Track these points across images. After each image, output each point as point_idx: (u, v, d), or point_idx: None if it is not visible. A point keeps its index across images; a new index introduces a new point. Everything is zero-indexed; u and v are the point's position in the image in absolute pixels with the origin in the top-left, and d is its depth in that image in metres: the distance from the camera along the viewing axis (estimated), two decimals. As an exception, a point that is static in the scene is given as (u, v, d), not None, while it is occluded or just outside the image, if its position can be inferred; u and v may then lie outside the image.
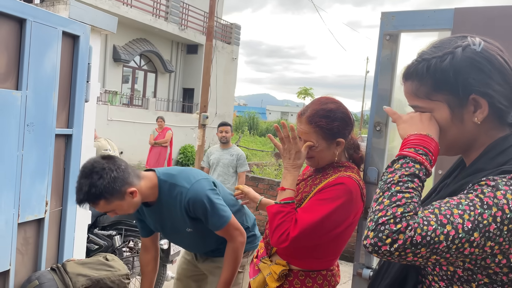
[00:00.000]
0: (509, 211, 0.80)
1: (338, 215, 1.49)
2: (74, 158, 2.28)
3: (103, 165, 1.73)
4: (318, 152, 1.60)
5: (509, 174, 0.86)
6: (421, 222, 0.82)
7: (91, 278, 2.05)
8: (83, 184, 1.70)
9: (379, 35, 1.52)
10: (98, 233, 3.86)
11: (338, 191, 1.50)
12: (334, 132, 1.57)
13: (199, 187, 1.88)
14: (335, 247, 1.63)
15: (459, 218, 0.82)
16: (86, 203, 1.75)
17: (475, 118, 0.94)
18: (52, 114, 2.09)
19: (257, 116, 29.31)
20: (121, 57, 14.39)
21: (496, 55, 0.93)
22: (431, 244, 0.81)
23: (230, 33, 18.89)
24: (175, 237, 2.18)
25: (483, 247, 0.82)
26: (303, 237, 1.47)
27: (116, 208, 1.78)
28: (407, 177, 0.89)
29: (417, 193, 0.88)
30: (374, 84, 1.53)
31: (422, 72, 0.96)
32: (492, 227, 0.81)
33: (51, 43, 2.03)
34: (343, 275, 5.21)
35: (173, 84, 17.42)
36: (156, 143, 8.85)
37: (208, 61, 8.94)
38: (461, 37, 0.96)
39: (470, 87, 0.92)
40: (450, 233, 0.81)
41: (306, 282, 1.60)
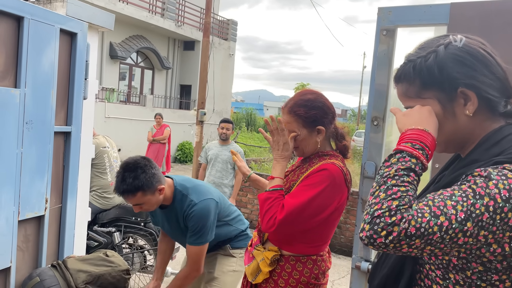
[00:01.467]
0: (501, 200, 0.82)
1: (322, 199, 1.59)
2: (73, 155, 2.28)
3: (145, 162, 2.02)
4: (301, 141, 1.71)
5: (502, 165, 0.87)
6: (415, 214, 0.84)
7: (91, 274, 2.08)
8: (127, 176, 1.96)
9: (376, 30, 1.53)
10: (97, 230, 3.88)
11: (321, 176, 1.60)
12: (312, 120, 1.68)
13: (205, 205, 2.12)
14: (323, 232, 1.71)
15: (452, 209, 0.84)
16: (127, 194, 1.97)
17: (467, 111, 0.96)
18: (50, 112, 2.09)
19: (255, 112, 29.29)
20: (118, 54, 14.35)
21: (478, 48, 0.96)
22: (425, 235, 0.83)
23: (227, 29, 18.85)
24: (178, 238, 2.39)
25: (476, 236, 0.83)
26: (290, 220, 1.58)
27: (146, 202, 2.02)
28: (403, 171, 0.91)
29: (412, 186, 0.90)
30: (371, 79, 1.54)
31: (409, 73, 1.00)
32: (485, 216, 0.82)
33: (49, 41, 2.03)
34: (342, 269, 5.24)
35: (170, 80, 17.39)
36: (154, 140, 8.84)
37: (205, 57, 8.93)
38: (444, 36, 1.00)
39: (455, 81, 0.95)
40: (443, 224, 0.83)
41: (296, 266, 1.70)
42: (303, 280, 1.69)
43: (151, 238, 3.83)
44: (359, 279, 1.57)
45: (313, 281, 1.70)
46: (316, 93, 1.75)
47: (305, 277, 1.69)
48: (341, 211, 1.71)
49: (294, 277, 1.70)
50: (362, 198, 1.56)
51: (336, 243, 6.04)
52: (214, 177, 4.85)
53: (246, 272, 1.84)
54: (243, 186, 6.40)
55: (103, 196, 3.89)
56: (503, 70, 0.97)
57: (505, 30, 1.38)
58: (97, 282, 2.08)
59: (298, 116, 1.69)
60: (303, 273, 1.70)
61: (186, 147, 14.89)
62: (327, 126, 1.71)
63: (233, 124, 5.22)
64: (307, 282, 1.70)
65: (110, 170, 3.96)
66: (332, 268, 5.24)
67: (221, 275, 2.34)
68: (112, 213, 3.93)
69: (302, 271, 1.70)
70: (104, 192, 3.89)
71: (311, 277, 1.70)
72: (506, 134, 0.95)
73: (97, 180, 3.85)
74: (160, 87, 17.00)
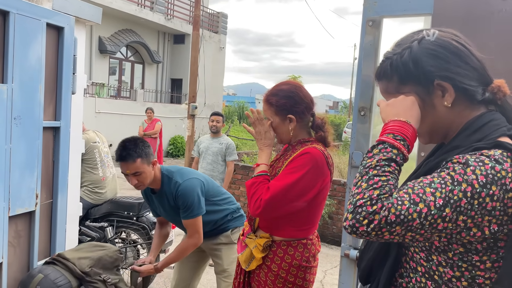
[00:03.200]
0: (478, 186, 0.85)
1: (305, 181, 1.68)
2: (63, 150, 2.28)
3: (142, 140, 2.35)
4: (275, 128, 1.84)
5: (480, 151, 0.90)
6: (395, 202, 0.87)
7: (92, 258, 2.16)
8: (128, 145, 2.26)
9: (362, 21, 1.54)
10: (89, 225, 3.87)
11: (304, 159, 1.71)
12: (282, 108, 1.80)
13: (188, 184, 2.35)
14: (310, 215, 1.80)
15: (431, 196, 0.87)
16: (128, 159, 2.22)
17: (445, 102, 0.99)
18: (39, 107, 2.08)
19: (247, 105, 29.20)
20: (107, 49, 14.21)
21: (450, 41, 0.99)
22: (405, 222, 0.86)
23: (217, 22, 18.74)
24: (173, 219, 2.56)
25: (455, 221, 0.86)
26: (275, 201, 1.67)
27: (143, 171, 2.26)
28: (385, 161, 0.94)
29: (393, 175, 0.93)
30: (358, 70, 1.56)
31: (387, 70, 1.04)
32: (463, 202, 0.85)
33: (36, 35, 2.01)
34: (335, 259, 5.30)
35: (161, 74, 17.28)
36: (145, 134, 8.81)
37: (196, 50, 8.89)
38: (418, 32, 1.04)
39: (430, 74, 0.98)
40: (422, 210, 0.86)
41: (288, 251, 1.78)
42: (295, 263, 1.77)
43: (144, 232, 3.83)
44: (348, 266, 1.60)
45: (304, 264, 1.78)
46: (291, 84, 1.87)
47: (297, 260, 1.77)
48: (325, 194, 1.80)
49: (286, 261, 1.77)
50: (350, 188, 1.58)
51: (328, 234, 6.10)
52: (205, 170, 4.88)
53: (240, 260, 1.91)
54: (236, 179, 6.42)
55: (95, 191, 3.88)
56: (478, 59, 1.00)
57: (489, 20, 1.40)
58: (99, 263, 2.18)
59: (271, 104, 1.82)
60: (295, 256, 1.77)
61: (178, 141, 14.85)
62: (298, 115, 1.81)
63: (223, 116, 5.25)
64: (299, 265, 1.77)
65: (101, 165, 3.95)
66: (325, 258, 5.30)
67: (229, 265, 2.55)
68: (104, 208, 3.92)
69: (294, 255, 1.77)
70: (95, 187, 3.88)
71: (303, 260, 1.78)
72: (487, 121, 0.98)
73: (88, 175, 3.84)
74: (150, 81, 16.89)
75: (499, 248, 0.90)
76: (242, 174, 6.76)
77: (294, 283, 1.78)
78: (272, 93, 1.84)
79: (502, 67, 1.12)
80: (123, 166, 2.26)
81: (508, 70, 1.18)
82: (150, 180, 2.33)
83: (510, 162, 0.87)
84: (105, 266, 2.20)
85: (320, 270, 4.83)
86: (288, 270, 1.77)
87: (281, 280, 1.78)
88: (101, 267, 2.18)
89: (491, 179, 0.85)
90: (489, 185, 0.85)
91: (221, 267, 2.60)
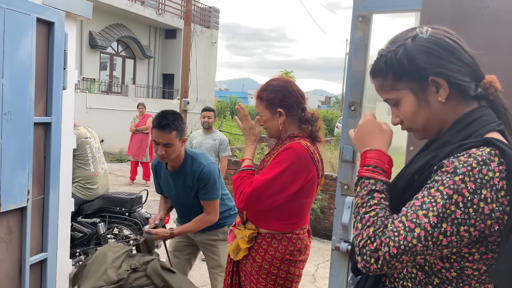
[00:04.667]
0: (469, 194, 0.87)
1: (287, 175, 1.72)
2: (54, 146, 2.27)
3: (180, 114, 2.46)
4: (265, 122, 1.88)
5: (467, 150, 0.92)
6: (391, 235, 0.90)
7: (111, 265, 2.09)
8: (170, 116, 2.35)
9: (352, 16, 1.56)
10: (81, 221, 3.87)
11: (286, 154, 1.75)
12: (272, 102, 1.84)
13: (212, 167, 2.46)
14: (294, 210, 1.83)
15: (424, 218, 0.89)
16: (167, 128, 2.31)
17: (439, 97, 1.01)
18: (29, 103, 2.07)
19: (239, 100, 29.15)
20: (98, 44, 14.09)
21: (443, 37, 1.01)
22: (407, 250, 0.89)
23: (208, 16, 18.65)
24: (182, 200, 2.58)
25: (458, 233, 0.88)
26: (257, 194, 1.72)
27: (174, 144, 2.34)
28: (367, 196, 1.00)
29: (380, 206, 0.98)
30: (348, 66, 1.58)
31: (381, 67, 1.06)
32: (458, 213, 0.87)
33: (26, 31, 2.00)
34: (327, 253, 5.35)
35: (152, 70, 17.18)
36: (137, 130, 8.77)
37: (187, 45, 8.86)
38: (411, 29, 1.06)
39: (425, 70, 1.00)
40: (420, 234, 0.88)
41: (272, 243, 1.83)
42: (278, 256, 1.82)
43: (136, 228, 3.84)
44: (339, 259, 1.62)
45: (288, 257, 1.82)
46: (280, 80, 1.91)
47: (279, 253, 1.82)
48: (312, 189, 1.83)
49: (270, 253, 1.82)
50: (341, 182, 1.60)
51: (320, 228, 6.15)
52: (198, 166, 4.88)
53: (229, 250, 1.97)
54: (228, 174, 6.43)
55: (86, 187, 3.87)
56: (470, 55, 1.02)
57: (476, 15, 1.42)
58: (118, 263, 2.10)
59: (261, 99, 1.87)
60: (278, 249, 1.82)
61: (170, 137, 14.78)
62: (287, 109, 1.84)
63: (214, 111, 5.22)
64: (282, 258, 1.82)
65: (93, 161, 3.93)
66: (317, 252, 5.34)
67: (225, 262, 2.54)
68: (96, 204, 3.92)
69: (277, 248, 1.82)
70: (87, 183, 3.87)
71: (286, 253, 1.82)
72: (476, 116, 1.00)
73: (80, 171, 3.83)
74: (142, 77, 16.79)
75: (488, 242, 0.92)
76: (234, 169, 6.77)
77: (277, 275, 1.83)
78: (263, 88, 1.90)
79: (488, 62, 1.14)
80: (158, 134, 2.32)
81: (494, 65, 1.20)
82: (175, 155, 2.39)
83: (498, 160, 0.89)
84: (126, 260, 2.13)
85: (312, 264, 4.88)
86: (271, 262, 1.82)
87: (264, 272, 1.84)
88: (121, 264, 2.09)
89: (480, 183, 0.87)
90: (479, 190, 0.87)
91: (217, 263, 2.64)
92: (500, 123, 1.00)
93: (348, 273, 1.57)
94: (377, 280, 1.09)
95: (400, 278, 1.05)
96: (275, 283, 1.84)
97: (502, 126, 1.00)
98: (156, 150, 2.37)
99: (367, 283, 1.09)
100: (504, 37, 1.35)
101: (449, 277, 0.96)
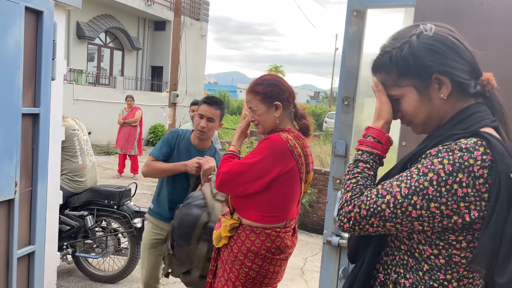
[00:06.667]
0: (445, 174, 0.92)
1: (262, 165, 1.76)
2: (43, 137, 2.23)
3: None
4: (259, 116, 1.89)
5: (458, 138, 0.96)
6: (364, 200, 1.00)
7: None
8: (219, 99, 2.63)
9: (347, 11, 1.55)
10: (69, 214, 3.82)
11: (263, 145, 1.80)
12: (269, 95, 1.86)
13: None
14: (273, 202, 1.84)
15: (396, 187, 0.97)
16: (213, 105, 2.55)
17: (441, 94, 1.04)
18: (17, 93, 2.03)
19: (228, 94, 29.04)
20: (86, 34, 13.86)
21: (447, 36, 1.03)
22: (375, 213, 0.98)
23: (198, 9, 18.49)
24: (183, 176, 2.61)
25: (428, 208, 0.94)
26: (231, 177, 1.79)
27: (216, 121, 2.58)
28: (353, 165, 1.10)
29: (363, 175, 1.07)
30: (342, 60, 1.58)
31: (386, 63, 1.07)
32: (430, 190, 0.93)
33: (14, 19, 1.95)
34: (315, 247, 5.39)
35: (141, 62, 16.99)
36: (125, 122, 8.68)
37: (177, 38, 8.78)
38: (415, 26, 1.07)
39: (430, 68, 1.02)
40: (390, 200, 0.96)
41: (250, 236, 1.84)
42: (253, 249, 1.83)
43: (125, 221, 3.81)
44: (330, 253, 1.63)
45: (263, 252, 1.83)
46: (273, 75, 1.97)
47: (255, 247, 1.83)
48: (290, 182, 1.83)
49: (246, 245, 1.84)
50: (333, 176, 1.60)
51: (308, 222, 6.18)
52: (188, 159, 4.85)
53: (213, 236, 2.00)
54: (217, 168, 6.40)
55: (74, 180, 3.82)
56: (471, 53, 1.04)
57: (470, 12, 1.43)
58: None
59: (257, 93, 1.88)
60: (255, 243, 1.83)
61: (159, 130, 14.69)
62: (284, 103, 1.87)
63: None
64: (257, 252, 1.83)
65: (81, 153, 3.88)
66: (305, 246, 5.38)
67: None
68: (84, 197, 3.87)
69: (254, 241, 1.83)
70: (75, 175, 3.82)
71: (262, 248, 1.83)
72: (471, 113, 1.03)
73: (68, 164, 3.78)
74: (130, 69, 16.59)
75: (474, 230, 0.95)
76: (223, 163, 6.75)
77: (250, 267, 1.84)
78: (257, 83, 1.91)
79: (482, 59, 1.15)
80: (206, 108, 2.54)
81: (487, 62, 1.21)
82: (212, 133, 2.63)
83: (483, 150, 0.92)
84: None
85: (300, 258, 4.91)
86: (246, 255, 1.84)
87: (238, 263, 1.85)
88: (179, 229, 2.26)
89: (458, 167, 0.91)
90: (455, 173, 0.91)
91: None
92: (494, 119, 1.03)
93: (339, 267, 1.59)
94: (371, 267, 1.12)
95: (393, 265, 1.09)
96: (247, 276, 1.86)
97: (496, 123, 1.02)
98: (199, 123, 2.55)
99: (361, 270, 1.12)
100: (497, 34, 1.36)
101: (438, 264, 1.00)
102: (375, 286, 1.11)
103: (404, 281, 1.04)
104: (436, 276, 1.00)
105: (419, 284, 1.02)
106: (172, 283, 3.88)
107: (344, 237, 1.60)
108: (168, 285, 3.88)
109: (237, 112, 26.25)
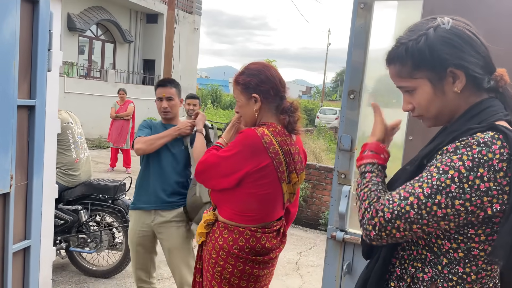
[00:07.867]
0: (465, 170, 0.92)
1: (233, 160, 1.68)
2: (38, 130, 2.18)
3: None
4: (240, 108, 1.81)
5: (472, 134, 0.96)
6: (386, 203, 0.98)
7: None
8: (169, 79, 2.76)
9: (353, 3, 1.53)
10: (63, 208, 3.77)
11: (237, 139, 1.72)
12: (248, 86, 1.74)
13: None
14: (247, 200, 1.73)
15: (418, 188, 0.96)
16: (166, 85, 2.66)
17: (455, 88, 1.03)
18: (13, 84, 1.97)
19: (220, 88, 28.93)
20: (77, 26, 13.68)
21: (464, 30, 1.03)
22: (400, 215, 0.96)
23: (191, 2, 18.33)
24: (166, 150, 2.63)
25: (453, 206, 0.92)
26: (205, 167, 1.74)
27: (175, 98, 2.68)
28: (360, 178, 1.13)
29: (372, 182, 1.08)
30: (348, 54, 1.56)
31: (401, 55, 1.06)
32: (453, 187, 0.92)
33: (9, 9, 1.90)
34: (309, 242, 5.40)
35: (133, 55, 16.82)
36: (117, 116, 8.60)
37: (171, 31, 8.70)
38: (432, 19, 1.07)
39: (445, 61, 1.02)
40: (413, 202, 0.95)
41: (223, 233, 1.76)
42: (224, 247, 1.73)
43: (120, 215, 3.77)
44: (334, 248, 1.62)
45: (235, 251, 1.71)
46: (260, 64, 1.81)
47: (227, 245, 1.72)
48: (263, 181, 1.69)
49: (219, 242, 1.75)
50: (338, 171, 1.59)
51: (302, 217, 6.19)
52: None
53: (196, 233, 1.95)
54: (211, 162, 6.37)
55: (68, 174, 3.77)
56: (486, 48, 1.04)
57: (478, 6, 1.42)
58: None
59: (237, 83, 1.78)
60: (227, 240, 1.73)
61: (151, 124, 14.58)
62: (264, 96, 1.73)
63: (199, 99, 5.09)
64: (228, 251, 1.72)
65: (75, 147, 3.83)
66: (300, 240, 5.39)
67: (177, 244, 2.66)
68: (78, 191, 3.82)
69: (226, 239, 1.74)
70: (68, 169, 3.77)
71: (234, 247, 1.71)
72: (485, 107, 1.03)
73: (61, 157, 3.72)
74: (122, 62, 16.42)
75: (493, 223, 0.96)
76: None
77: (223, 267, 1.74)
78: (240, 72, 1.82)
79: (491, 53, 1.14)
80: (162, 90, 2.62)
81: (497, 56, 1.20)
82: (176, 111, 2.70)
83: (500, 143, 0.92)
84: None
85: (295, 252, 4.91)
86: (218, 252, 1.74)
87: (212, 261, 1.77)
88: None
89: (478, 162, 0.91)
90: (476, 168, 0.91)
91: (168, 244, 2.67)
92: (507, 113, 1.03)
93: (343, 262, 1.58)
94: (387, 262, 1.11)
95: (410, 259, 1.09)
96: (221, 276, 1.76)
97: (509, 116, 1.03)
98: (160, 106, 2.62)
99: (377, 265, 1.12)
100: (506, 27, 1.35)
101: (457, 258, 1.00)
102: (390, 280, 1.11)
103: (423, 275, 1.05)
104: (455, 270, 1.01)
105: (438, 277, 1.03)
106: (167, 278, 3.86)
107: (349, 232, 1.59)
108: (163, 280, 3.86)
109: (229, 106, 26.15)
